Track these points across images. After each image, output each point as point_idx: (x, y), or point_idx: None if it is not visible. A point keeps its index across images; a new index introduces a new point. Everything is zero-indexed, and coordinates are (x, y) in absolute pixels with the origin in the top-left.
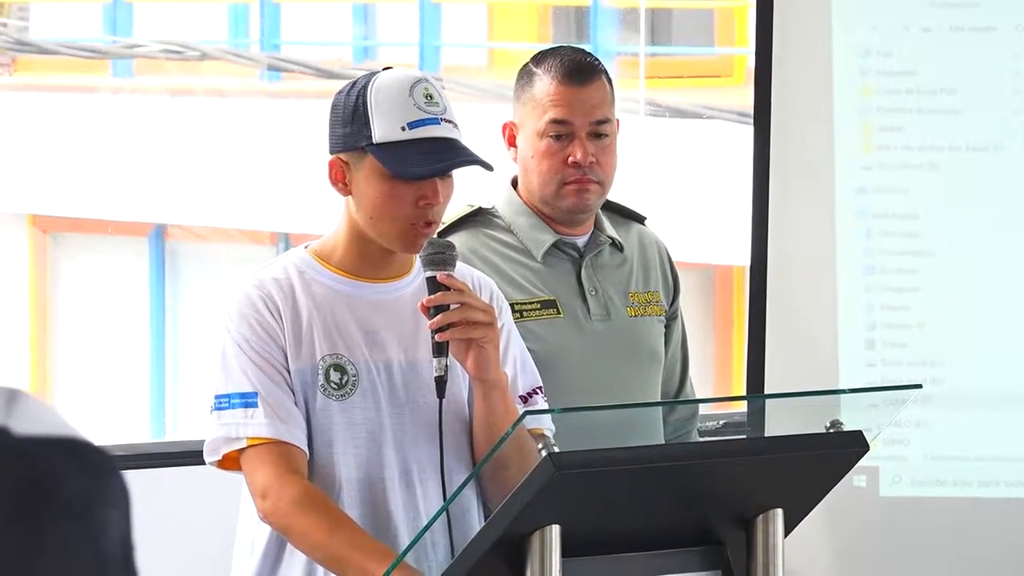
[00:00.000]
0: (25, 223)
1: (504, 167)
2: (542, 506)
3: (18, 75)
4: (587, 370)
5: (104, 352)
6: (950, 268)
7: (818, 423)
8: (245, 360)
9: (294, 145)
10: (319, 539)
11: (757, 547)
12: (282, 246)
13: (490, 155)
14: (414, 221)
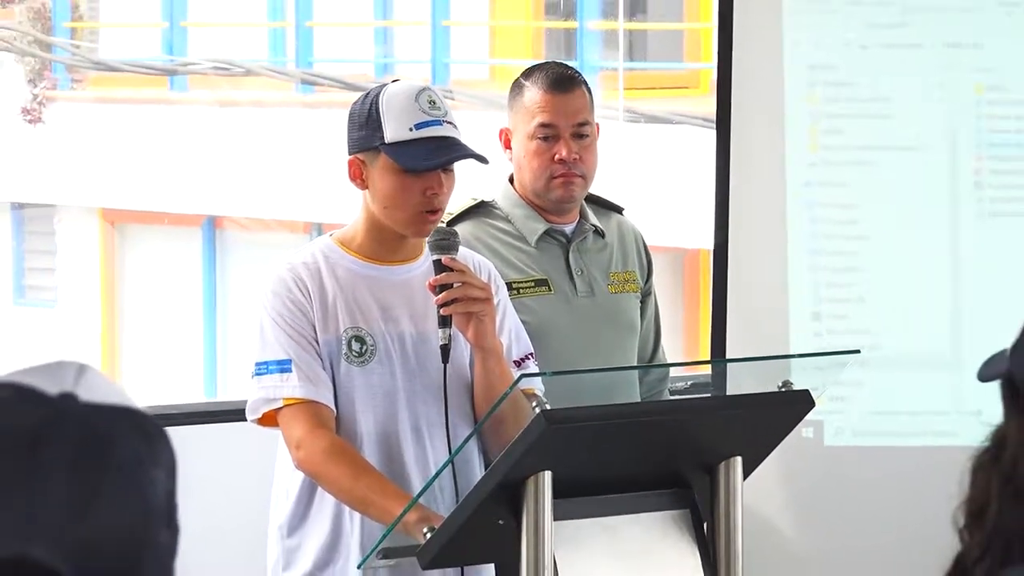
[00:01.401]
0: (96, 216)
1: (502, 166)
2: (535, 455)
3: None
4: (573, 339)
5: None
6: (883, 250)
7: (771, 383)
8: (280, 332)
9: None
10: (346, 484)
11: (720, 489)
12: (315, 233)
13: (489, 154)
14: (422, 209)
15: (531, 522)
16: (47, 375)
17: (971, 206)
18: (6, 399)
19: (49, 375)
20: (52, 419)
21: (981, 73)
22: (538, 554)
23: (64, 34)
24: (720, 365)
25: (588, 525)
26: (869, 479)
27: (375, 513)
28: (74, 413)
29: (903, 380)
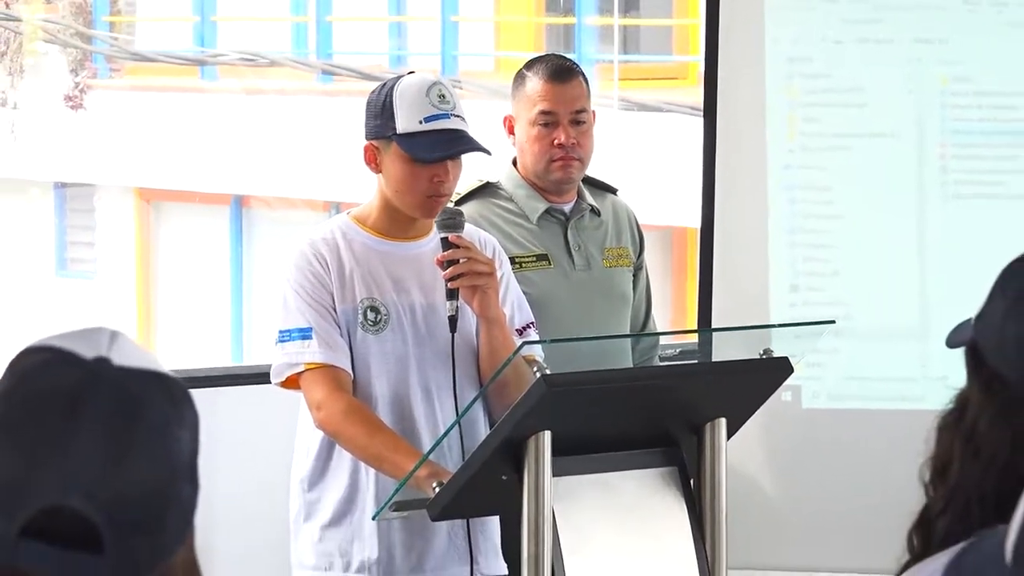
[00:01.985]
0: (132, 194)
1: (505, 151)
2: (536, 416)
3: (126, 78)
4: (571, 309)
5: (194, 296)
6: (856, 229)
7: (753, 351)
8: (302, 303)
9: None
10: (362, 442)
11: (706, 448)
12: (333, 211)
13: (494, 140)
14: (429, 194)
15: (532, 478)
16: (83, 340)
17: (936, 189)
18: (46, 361)
19: (84, 340)
20: (88, 381)
21: (946, 66)
22: (538, 507)
23: (103, 27)
24: (706, 334)
25: (584, 481)
26: (843, 439)
27: (389, 469)
28: (108, 376)
29: (874, 348)
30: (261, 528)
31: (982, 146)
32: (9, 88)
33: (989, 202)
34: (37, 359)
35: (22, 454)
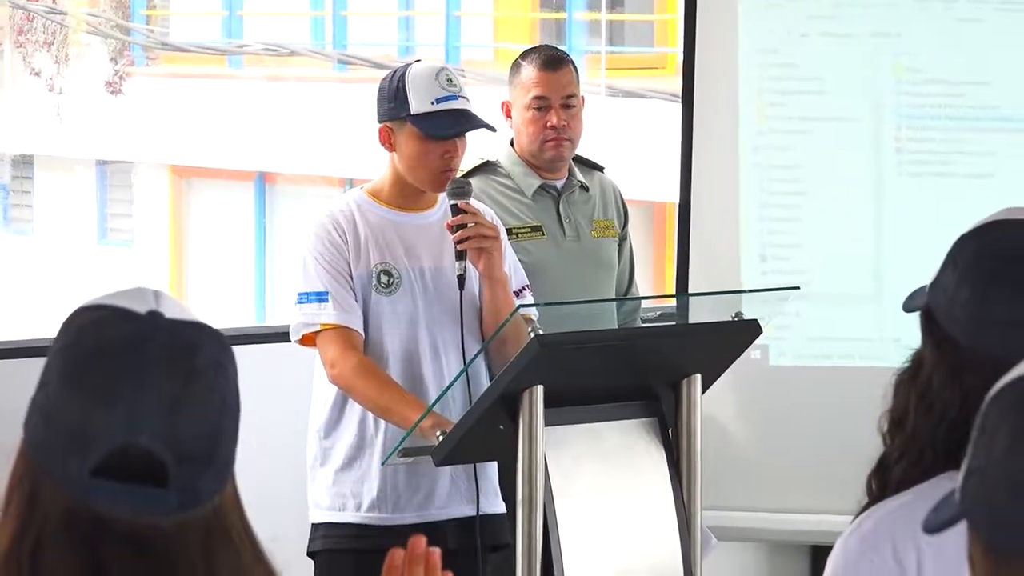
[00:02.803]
0: (166, 171)
1: (503, 132)
2: (530, 372)
3: (161, 66)
4: (562, 275)
5: (221, 262)
6: (819, 204)
7: (726, 314)
8: (320, 269)
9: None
10: (372, 395)
11: (683, 401)
12: (347, 187)
13: (493, 122)
14: (441, 169)
15: (526, 427)
16: (132, 298)
17: (891, 168)
18: (102, 317)
19: (133, 298)
20: (147, 331)
21: (900, 57)
22: (532, 454)
23: (140, 20)
24: (683, 298)
25: (573, 430)
26: (806, 394)
27: (396, 419)
28: (162, 326)
29: (835, 312)
30: (281, 473)
31: (933, 129)
32: (55, 75)
33: (939, 180)
34: (94, 316)
35: (91, 401)
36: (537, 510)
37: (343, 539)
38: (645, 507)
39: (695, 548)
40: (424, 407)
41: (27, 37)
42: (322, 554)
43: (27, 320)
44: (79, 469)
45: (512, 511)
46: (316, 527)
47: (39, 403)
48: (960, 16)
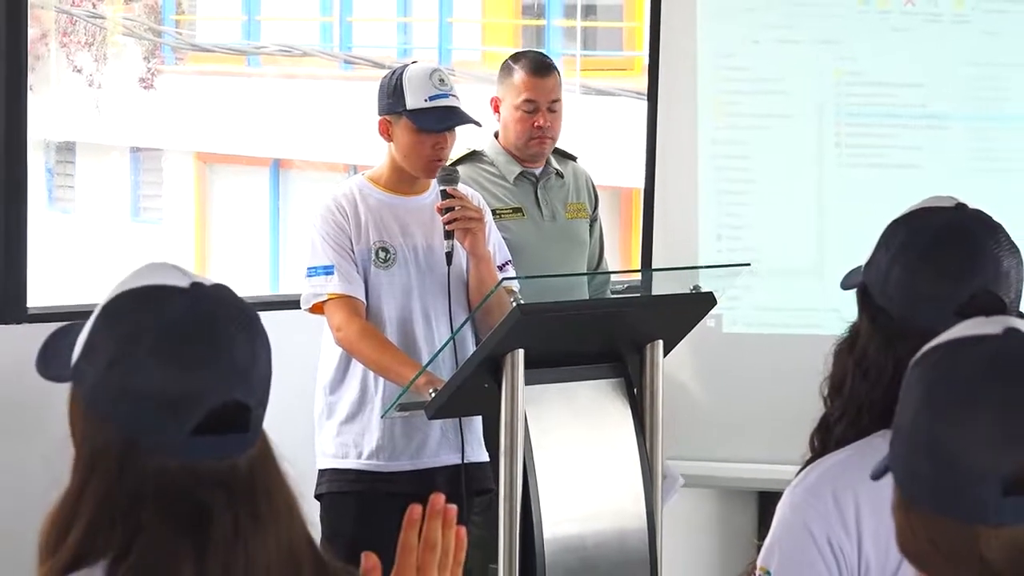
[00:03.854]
0: (192, 157)
1: (488, 127)
2: (512, 337)
3: (188, 65)
4: (540, 252)
5: (240, 238)
6: (768, 191)
7: (685, 287)
8: (326, 246)
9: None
10: (373, 356)
11: (647, 364)
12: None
13: (480, 117)
14: (432, 158)
15: (508, 386)
16: (164, 274)
17: (832, 159)
18: (157, 295)
19: (165, 273)
20: (204, 300)
21: (841, 62)
22: (514, 409)
23: (170, 23)
24: (647, 273)
25: (550, 388)
26: (755, 358)
27: (394, 378)
28: (211, 293)
29: (781, 285)
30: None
31: (869, 125)
32: (95, 72)
33: (873, 171)
34: (145, 297)
35: (184, 371)
36: (517, 459)
37: (346, 483)
38: (613, 457)
39: (656, 492)
40: (418, 367)
41: (70, 38)
42: (327, 496)
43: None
44: (177, 432)
45: (495, 460)
46: (322, 472)
47: (116, 383)
48: (894, 26)
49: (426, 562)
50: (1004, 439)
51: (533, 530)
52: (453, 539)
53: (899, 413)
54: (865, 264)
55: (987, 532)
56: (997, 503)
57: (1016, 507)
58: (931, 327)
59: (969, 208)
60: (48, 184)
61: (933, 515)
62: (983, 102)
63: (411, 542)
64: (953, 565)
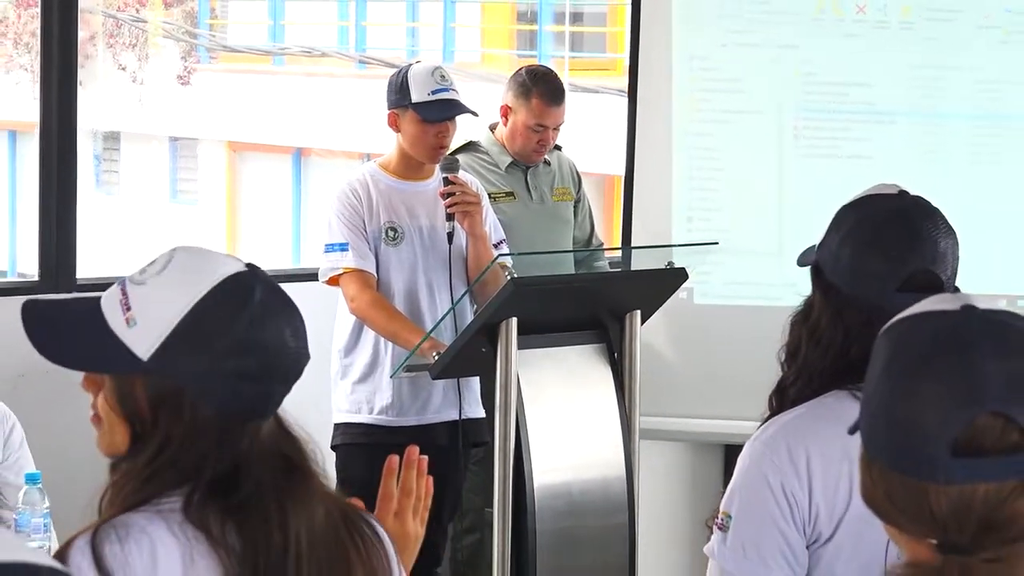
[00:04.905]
0: (224, 146)
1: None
2: (507, 307)
3: (221, 63)
4: (530, 231)
5: (266, 218)
6: (735, 178)
7: (660, 263)
8: (341, 225)
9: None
10: (382, 323)
11: (626, 331)
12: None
13: (479, 110)
14: (435, 146)
15: (503, 350)
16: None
17: (791, 151)
18: (241, 285)
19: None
20: (259, 280)
21: (799, 64)
22: (508, 370)
23: (205, 27)
24: (627, 251)
25: (540, 353)
26: (722, 326)
27: (402, 343)
28: (252, 272)
29: (745, 262)
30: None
31: (824, 120)
32: (137, 70)
33: (827, 161)
34: (227, 290)
35: (263, 355)
36: (511, 415)
37: (358, 436)
38: (595, 413)
39: (634, 445)
40: (423, 334)
41: (116, 40)
42: (341, 447)
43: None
44: (268, 404)
45: (491, 415)
46: (337, 426)
47: (218, 369)
48: (846, 32)
49: (403, 506)
50: (953, 405)
51: (524, 478)
52: (424, 486)
53: (867, 378)
54: (818, 244)
55: (936, 489)
56: (946, 464)
57: (964, 468)
58: (876, 301)
59: (911, 195)
60: (96, 169)
61: (889, 471)
62: (925, 100)
63: (390, 490)
64: (906, 517)
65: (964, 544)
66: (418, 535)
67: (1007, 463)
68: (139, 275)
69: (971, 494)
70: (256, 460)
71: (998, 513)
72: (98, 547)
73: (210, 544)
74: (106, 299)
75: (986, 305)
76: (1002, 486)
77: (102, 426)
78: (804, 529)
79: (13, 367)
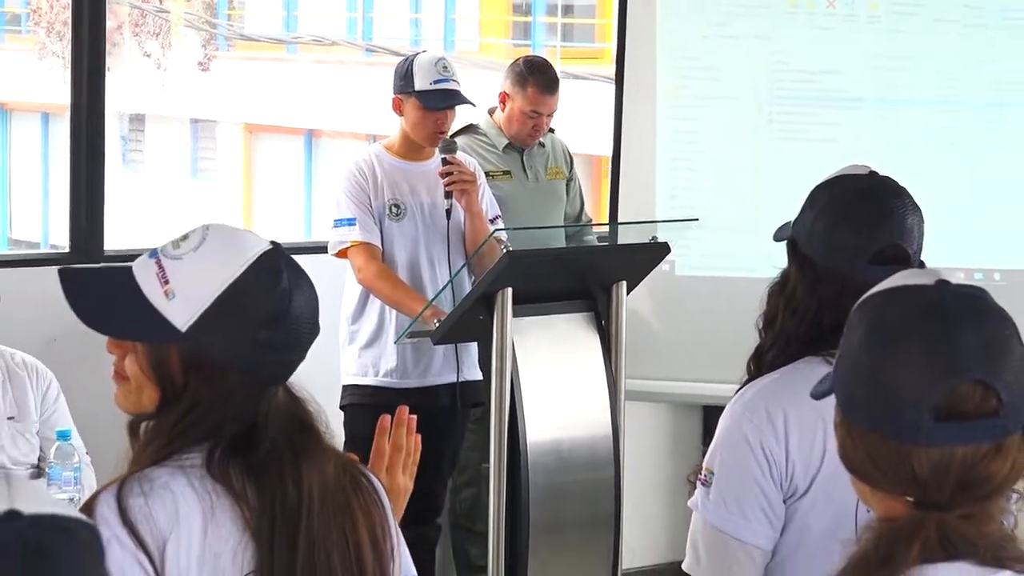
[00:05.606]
0: (241, 128)
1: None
2: (503, 278)
3: (238, 51)
4: (525, 207)
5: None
6: (714, 158)
7: (645, 237)
8: (349, 201)
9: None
10: (387, 293)
11: (613, 300)
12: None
13: (475, 97)
14: (435, 131)
15: (499, 318)
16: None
17: (766, 134)
18: (269, 265)
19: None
20: (282, 253)
21: (773, 54)
22: (503, 337)
23: (223, 17)
24: (614, 226)
25: (533, 320)
26: (702, 296)
27: (405, 311)
28: (278, 251)
29: (724, 236)
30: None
31: (796, 106)
32: (161, 57)
33: (799, 144)
34: (260, 269)
35: (291, 329)
36: (506, 378)
37: (364, 396)
38: (584, 376)
39: (619, 406)
40: (425, 302)
41: (141, 29)
42: (349, 408)
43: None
44: (286, 370)
45: (487, 378)
46: (345, 388)
47: (247, 340)
48: (817, 25)
49: (394, 461)
50: (936, 374)
51: (518, 436)
52: (413, 443)
53: (842, 347)
54: (793, 220)
55: (918, 451)
56: (929, 428)
57: (945, 431)
58: (849, 272)
59: (879, 175)
60: (122, 148)
61: (871, 433)
62: (890, 88)
63: (382, 447)
64: (887, 477)
65: (942, 502)
66: (407, 488)
67: (985, 427)
68: (174, 250)
69: (950, 456)
70: (272, 421)
71: (974, 473)
72: (123, 500)
73: (231, 497)
74: (139, 271)
75: (954, 279)
76: (979, 448)
77: (127, 384)
78: (781, 484)
79: (46, 331)
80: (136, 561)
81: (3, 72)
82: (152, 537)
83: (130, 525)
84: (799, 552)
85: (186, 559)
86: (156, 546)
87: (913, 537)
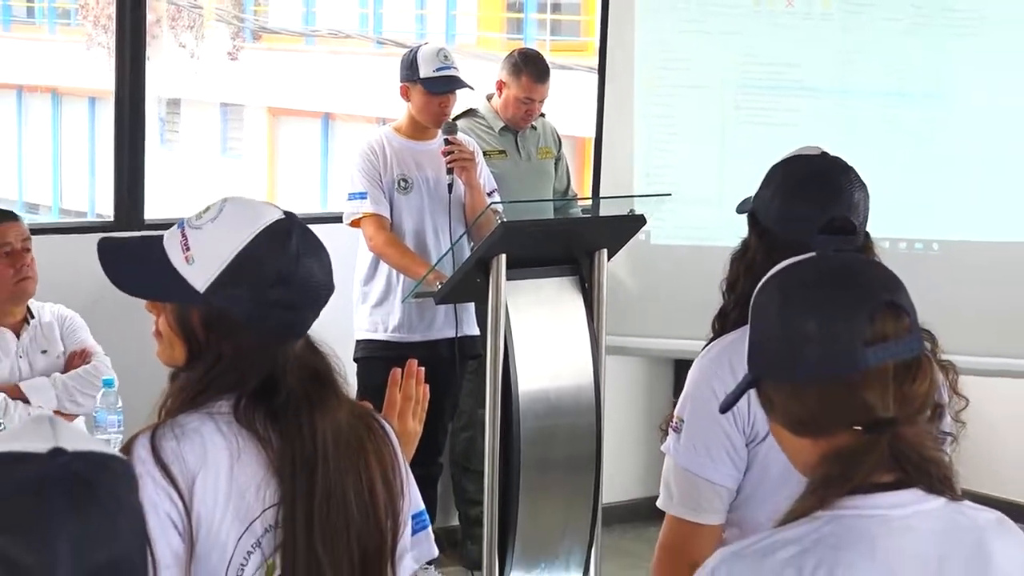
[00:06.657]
0: (265, 111)
1: (480, 91)
2: (498, 245)
3: (263, 42)
4: (518, 183)
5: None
6: (686, 141)
7: (623, 210)
8: (362, 177)
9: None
10: (395, 258)
11: (595, 266)
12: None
13: (473, 83)
14: (438, 114)
15: (494, 281)
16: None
17: (732, 119)
18: (279, 232)
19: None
20: (294, 221)
21: (741, 47)
22: (497, 297)
23: (250, 12)
24: (596, 200)
25: (524, 283)
26: (675, 262)
27: (411, 274)
28: (296, 221)
29: (694, 209)
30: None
31: (760, 95)
32: (195, 47)
33: (762, 128)
34: (271, 236)
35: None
36: (500, 334)
37: (375, 350)
38: (569, 333)
39: (601, 359)
40: (429, 267)
41: (177, 22)
42: (362, 360)
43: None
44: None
45: (483, 334)
46: (358, 342)
47: (263, 300)
48: (779, 23)
49: (404, 408)
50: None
51: (511, 385)
52: (422, 393)
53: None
54: (754, 195)
55: (860, 378)
56: (864, 353)
57: (877, 352)
58: (803, 240)
59: (830, 155)
60: (160, 129)
61: (819, 380)
62: (843, 79)
63: (394, 396)
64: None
65: (889, 416)
66: (417, 432)
67: (907, 342)
68: (196, 220)
69: (885, 373)
70: (290, 372)
71: (906, 388)
72: (157, 442)
73: (256, 440)
74: (168, 239)
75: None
76: (906, 367)
77: (163, 341)
78: (744, 430)
79: (94, 291)
80: (167, 496)
81: (55, 60)
82: (182, 475)
83: (162, 464)
84: (760, 489)
85: (213, 495)
86: (186, 483)
87: (867, 453)
